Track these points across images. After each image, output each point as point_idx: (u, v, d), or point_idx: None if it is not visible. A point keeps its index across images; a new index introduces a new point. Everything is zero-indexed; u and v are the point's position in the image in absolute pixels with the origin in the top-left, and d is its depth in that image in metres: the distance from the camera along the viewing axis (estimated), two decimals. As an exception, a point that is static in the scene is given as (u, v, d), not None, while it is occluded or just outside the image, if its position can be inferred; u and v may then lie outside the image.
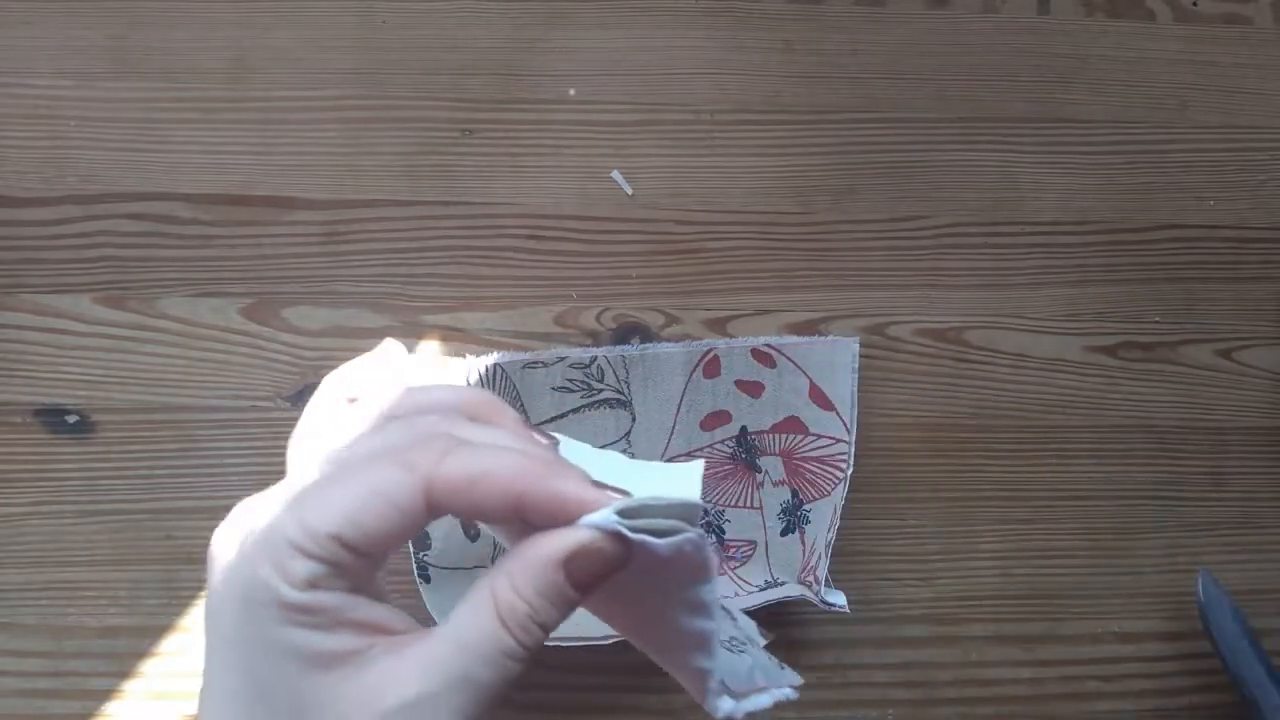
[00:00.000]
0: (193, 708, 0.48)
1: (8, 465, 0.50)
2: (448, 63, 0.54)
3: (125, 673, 0.49)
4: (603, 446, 0.47)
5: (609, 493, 0.25)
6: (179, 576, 0.49)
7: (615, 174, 0.53)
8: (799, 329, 0.53)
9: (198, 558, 0.50)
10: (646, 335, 0.52)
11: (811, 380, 0.50)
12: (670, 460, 0.51)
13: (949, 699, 0.51)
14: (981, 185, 0.54)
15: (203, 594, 0.49)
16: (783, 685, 0.29)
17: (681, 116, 0.54)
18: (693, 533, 0.24)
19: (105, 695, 0.48)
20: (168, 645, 0.49)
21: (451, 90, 0.53)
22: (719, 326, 0.53)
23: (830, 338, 0.51)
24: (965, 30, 0.56)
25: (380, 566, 0.25)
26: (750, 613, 0.45)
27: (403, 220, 0.52)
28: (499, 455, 0.24)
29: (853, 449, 0.49)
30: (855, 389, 0.50)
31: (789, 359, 0.50)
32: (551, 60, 0.54)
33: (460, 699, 0.23)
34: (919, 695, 0.51)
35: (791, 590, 0.47)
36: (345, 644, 0.23)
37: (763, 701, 0.28)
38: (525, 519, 0.24)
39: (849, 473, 0.49)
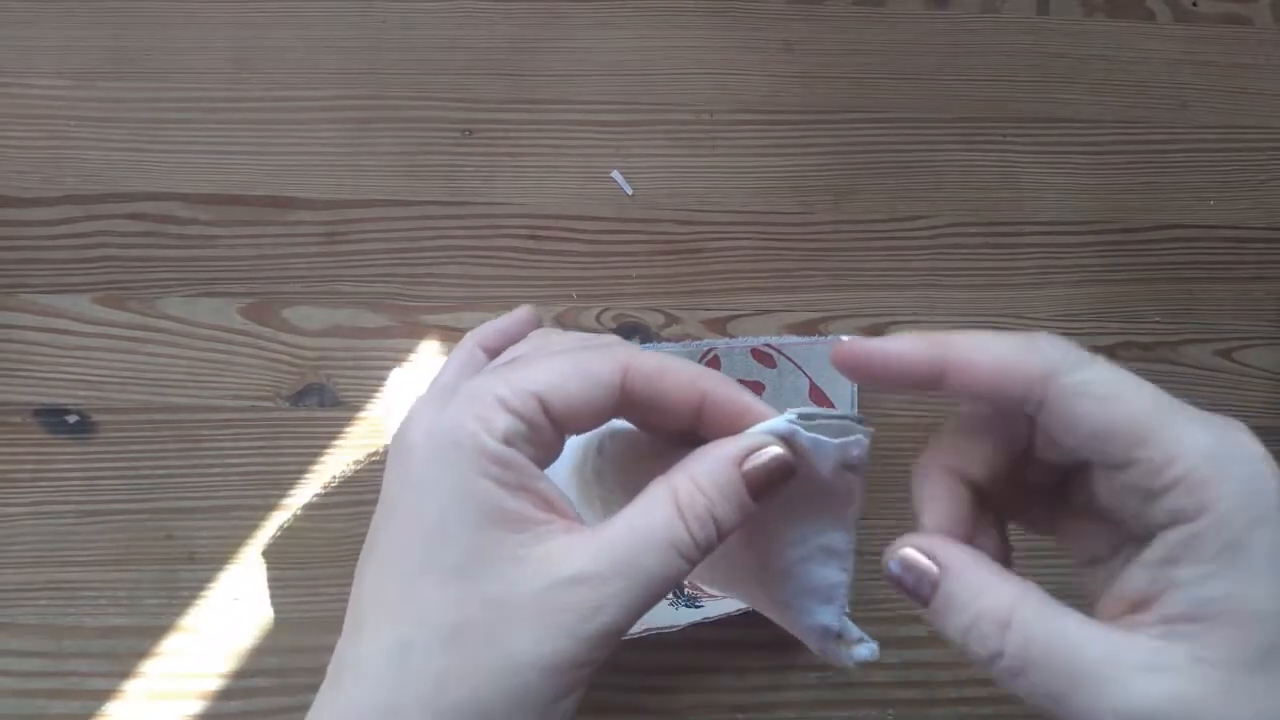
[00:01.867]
0: (194, 707, 0.48)
1: (8, 465, 0.50)
2: (448, 63, 0.54)
3: (125, 673, 0.49)
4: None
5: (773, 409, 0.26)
6: (179, 576, 0.49)
7: (615, 174, 0.53)
8: (799, 329, 0.53)
9: (198, 557, 0.50)
10: (646, 335, 0.52)
11: (811, 380, 0.50)
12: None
13: (949, 699, 0.51)
14: (981, 185, 0.54)
15: (204, 594, 0.49)
16: (868, 641, 0.30)
17: (681, 116, 0.54)
18: (862, 434, 0.26)
19: (105, 695, 0.48)
20: (168, 645, 0.49)
21: (451, 90, 0.53)
22: (719, 326, 0.53)
23: (830, 338, 0.51)
24: (965, 30, 0.56)
25: (557, 453, 0.26)
26: (749, 615, 0.45)
27: (403, 220, 0.52)
28: (683, 359, 0.26)
29: (853, 449, 0.49)
30: (855, 389, 0.50)
31: (789, 359, 0.50)
32: (551, 60, 0.54)
33: (626, 583, 0.24)
34: (919, 695, 0.51)
35: (791, 590, 0.47)
36: (527, 510, 0.24)
37: (864, 654, 0.29)
38: (701, 420, 0.26)
39: (849, 473, 0.49)
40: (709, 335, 0.52)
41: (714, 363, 0.50)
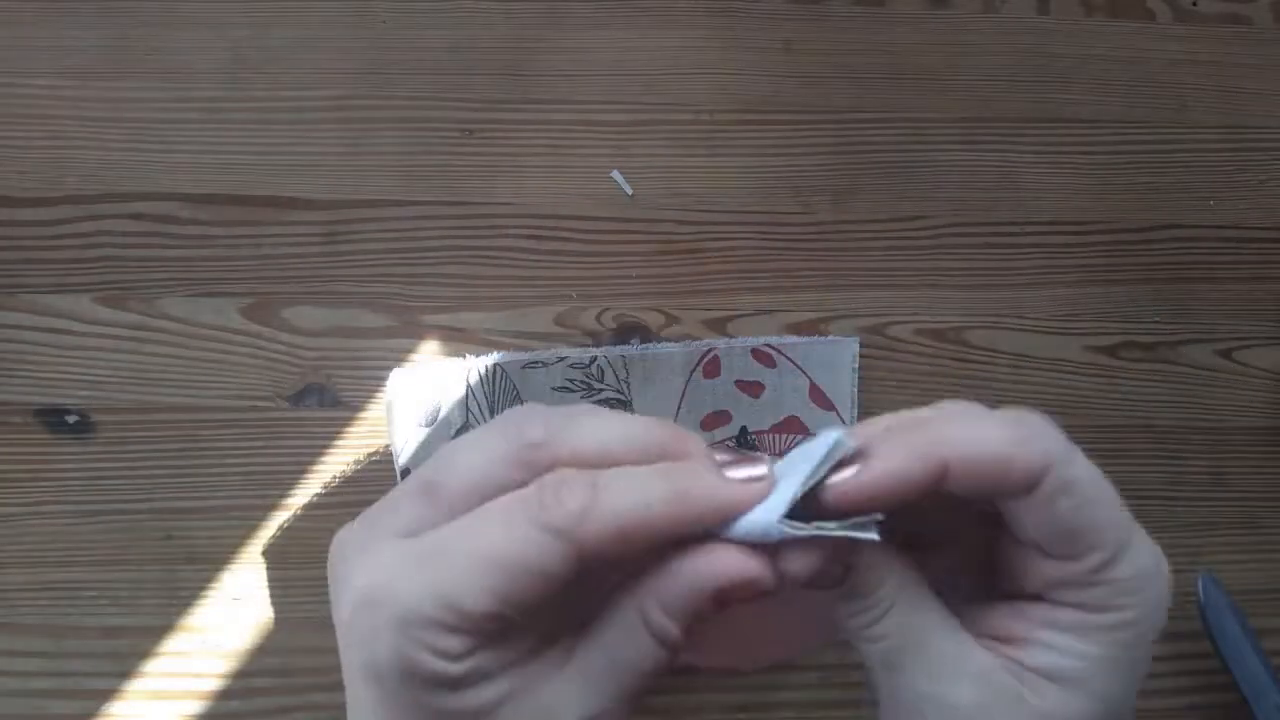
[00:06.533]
0: (194, 707, 0.48)
1: (8, 465, 0.50)
2: (448, 63, 0.54)
3: (125, 673, 0.49)
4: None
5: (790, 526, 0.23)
6: (179, 576, 0.49)
7: (615, 174, 0.53)
8: (799, 329, 0.53)
9: (198, 557, 0.50)
10: (646, 335, 0.52)
11: (812, 380, 0.50)
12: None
13: (949, 699, 0.51)
14: (981, 185, 0.54)
15: (204, 594, 0.49)
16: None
17: (681, 116, 0.54)
18: (873, 531, 0.23)
19: (105, 695, 0.48)
20: (168, 645, 0.49)
21: (451, 90, 0.53)
22: (719, 326, 0.53)
23: (830, 338, 0.51)
24: (965, 30, 0.56)
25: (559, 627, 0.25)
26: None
27: (403, 220, 0.52)
28: (645, 494, 0.23)
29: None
30: (855, 389, 0.50)
31: (789, 359, 0.50)
32: (551, 60, 0.54)
33: (621, 707, 0.24)
34: (919, 695, 0.51)
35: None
36: (508, 687, 0.23)
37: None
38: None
39: (849, 473, 0.49)
40: (709, 335, 0.52)
41: (714, 362, 0.50)
